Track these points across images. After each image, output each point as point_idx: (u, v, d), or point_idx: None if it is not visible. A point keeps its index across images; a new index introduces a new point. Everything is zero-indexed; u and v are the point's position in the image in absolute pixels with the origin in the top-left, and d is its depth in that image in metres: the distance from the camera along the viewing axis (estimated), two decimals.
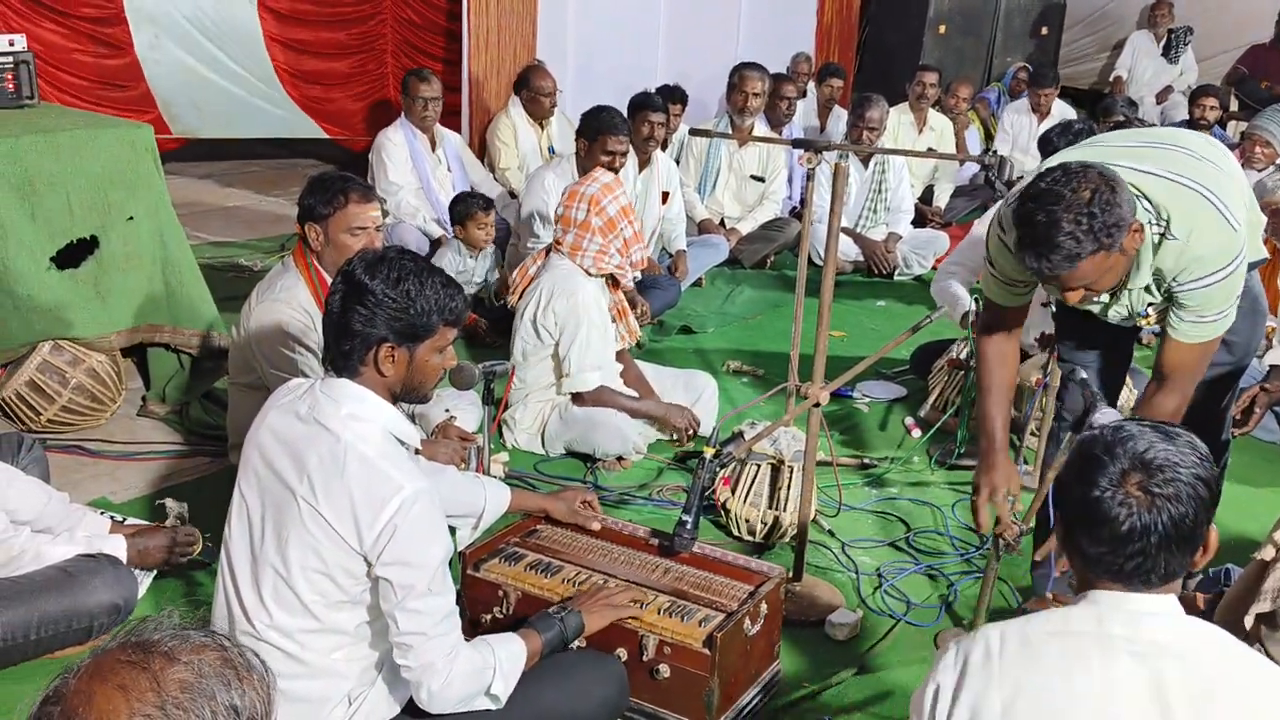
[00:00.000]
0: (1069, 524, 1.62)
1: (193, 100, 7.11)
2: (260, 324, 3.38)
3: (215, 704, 1.17)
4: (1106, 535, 1.55)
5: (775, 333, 5.59)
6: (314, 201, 3.36)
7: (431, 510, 2.10)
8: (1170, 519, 1.54)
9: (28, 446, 3.19)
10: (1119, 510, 1.55)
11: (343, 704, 2.20)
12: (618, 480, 3.98)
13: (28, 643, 2.70)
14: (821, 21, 9.72)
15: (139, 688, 1.15)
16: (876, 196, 6.69)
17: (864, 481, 4.05)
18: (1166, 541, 1.54)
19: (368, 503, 2.05)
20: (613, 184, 4.04)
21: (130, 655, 1.18)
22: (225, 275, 5.74)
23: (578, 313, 3.96)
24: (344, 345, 2.14)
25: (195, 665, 1.19)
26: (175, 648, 1.20)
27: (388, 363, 2.14)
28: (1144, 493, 1.55)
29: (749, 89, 6.48)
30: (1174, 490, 1.55)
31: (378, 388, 2.17)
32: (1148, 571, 1.56)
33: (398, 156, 5.96)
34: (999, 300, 2.94)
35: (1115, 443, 1.59)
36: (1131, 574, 1.56)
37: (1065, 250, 2.39)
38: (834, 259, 3.11)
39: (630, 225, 4.02)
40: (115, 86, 6.83)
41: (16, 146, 3.77)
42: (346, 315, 2.12)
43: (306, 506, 2.08)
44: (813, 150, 3.36)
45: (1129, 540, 1.54)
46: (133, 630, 1.22)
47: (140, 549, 3.00)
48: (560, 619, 2.44)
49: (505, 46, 7.26)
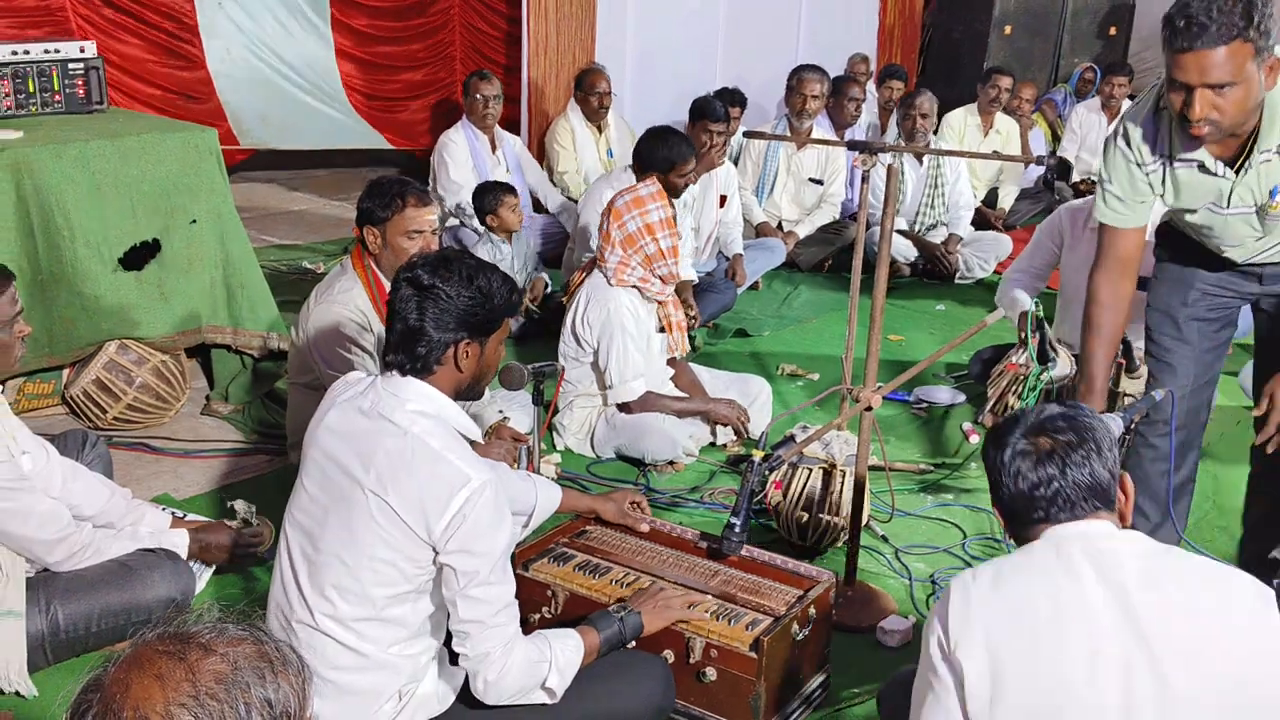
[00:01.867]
0: (997, 496, 1.87)
1: (260, 113, 7.26)
2: (318, 325, 3.43)
3: (250, 696, 1.19)
4: (1024, 488, 1.81)
5: (832, 336, 5.54)
6: (372, 205, 3.41)
7: (497, 501, 2.15)
8: (1071, 459, 1.79)
9: (92, 443, 3.26)
10: (1022, 464, 1.81)
11: (393, 699, 2.23)
12: (669, 483, 3.97)
13: (88, 635, 2.77)
14: (884, 23, 9.63)
15: (175, 678, 1.17)
16: (933, 192, 6.60)
17: (919, 487, 4.00)
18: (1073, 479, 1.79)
19: (436, 494, 2.09)
20: (646, 198, 4.01)
21: (168, 646, 1.20)
22: (289, 278, 5.86)
23: (611, 322, 3.97)
24: (419, 349, 2.19)
25: (231, 657, 1.21)
26: (212, 640, 1.22)
27: (465, 358, 2.22)
28: (1043, 438, 1.82)
29: (807, 91, 6.45)
30: (1068, 439, 1.80)
31: (445, 385, 2.23)
32: (1066, 508, 1.79)
33: (459, 156, 6.04)
34: (1116, 220, 2.93)
35: (1015, 416, 1.89)
36: (1053, 515, 1.80)
37: (1214, 26, 2.45)
38: (887, 260, 3.08)
39: (656, 240, 3.96)
40: (188, 98, 7.00)
41: (86, 150, 3.87)
42: (423, 319, 2.18)
43: (375, 498, 2.12)
44: (867, 152, 3.33)
45: (1039, 485, 1.80)
46: (172, 622, 1.24)
47: (203, 544, 3.06)
48: (620, 619, 2.45)
49: (564, 51, 7.30)
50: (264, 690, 1.20)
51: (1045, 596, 1.72)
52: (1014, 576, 1.78)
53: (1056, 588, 1.72)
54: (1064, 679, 1.67)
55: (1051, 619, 1.70)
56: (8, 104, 4.02)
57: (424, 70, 8.06)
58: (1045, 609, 1.71)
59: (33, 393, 4.04)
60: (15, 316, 2.67)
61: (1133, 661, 1.66)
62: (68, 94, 4.24)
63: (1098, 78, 8.84)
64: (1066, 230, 4.53)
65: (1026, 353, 3.99)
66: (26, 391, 4.02)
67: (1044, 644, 1.69)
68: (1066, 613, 1.70)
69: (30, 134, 3.90)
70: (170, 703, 1.16)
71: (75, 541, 2.76)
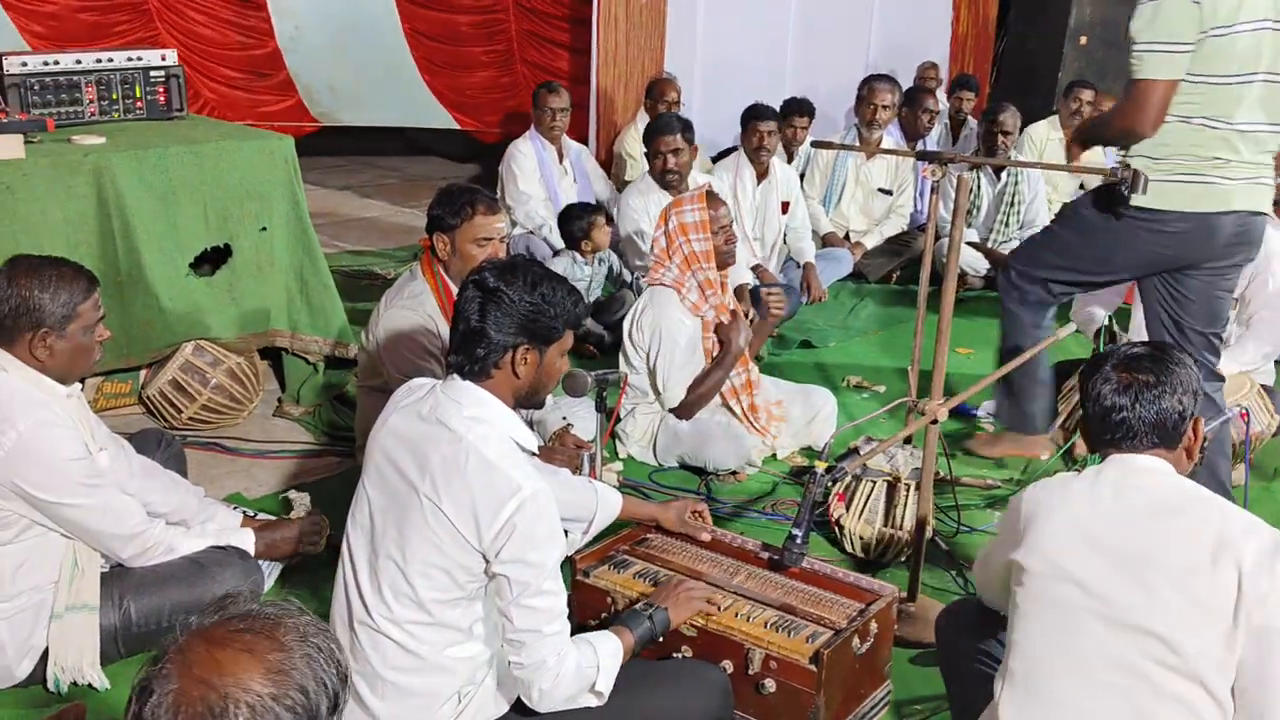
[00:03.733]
0: (1084, 411, 2.15)
1: (330, 85, 7.56)
2: (387, 330, 3.48)
3: (323, 670, 1.24)
4: (1101, 412, 2.08)
5: (898, 348, 5.49)
6: (442, 213, 3.45)
7: (549, 511, 2.16)
8: (1143, 397, 2.05)
9: (167, 442, 3.34)
10: (1105, 388, 2.08)
11: (452, 700, 2.25)
12: (731, 492, 3.96)
13: (159, 629, 2.82)
14: (956, 32, 9.54)
15: (261, 650, 1.22)
16: (1009, 209, 6.50)
17: (985, 503, 3.94)
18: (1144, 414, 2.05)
19: (488, 501, 2.10)
20: (685, 199, 4.01)
21: (240, 625, 1.23)
22: (360, 283, 5.95)
23: (660, 327, 3.97)
24: (478, 350, 2.21)
25: (300, 626, 1.26)
26: (273, 618, 1.26)
27: (522, 365, 2.23)
28: (1126, 373, 2.08)
29: (878, 101, 6.40)
30: (1146, 378, 2.06)
31: (503, 391, 2.25)
32: (1132, 436, 2.06)
33: (527, 167, 6.09)
34: (1169, 74, 3.12)
35: (1118, 348, 2.16)
36: (1121, 440, 2.07)
37: None
38: (955, 272, 3.05)
39: (690, 241, 3.95)
40: (258, 74, 7.25)
41: (165, 156, 3.96)
42: (484, 321, 2.20)
43: (429, 503, 2.14)
44: (938, 162, 3.29)
45: (1112, 411, 2.06)
46: (221, 609, 1.27)
47: (269, 542, 3.11)
48: (649, 616, 2.46)
49: (633, 61, 7.33)
50: (319, 671, 1.24)
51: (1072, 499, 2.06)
52: (1051, 485, 2.13)
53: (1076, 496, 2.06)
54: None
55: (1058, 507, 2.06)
56: (92, 110, 4.14)
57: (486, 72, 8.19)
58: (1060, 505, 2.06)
59: (111, 392, 4.14)
60: (98, 321, 2.74)
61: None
62: (149, 101, 4.35)
63: None
64: None
65: None
66: (105, 391, 4.13)
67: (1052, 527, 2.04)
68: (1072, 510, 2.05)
69: (112, 139, 4.00)
70: (264, 669, 1.20)
71: (148, 538, 2.82)
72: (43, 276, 2.64)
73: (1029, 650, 2.02)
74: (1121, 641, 1.91)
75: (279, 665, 1.20)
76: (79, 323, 2.68)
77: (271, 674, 1.19)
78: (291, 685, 1.20)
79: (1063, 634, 1.98)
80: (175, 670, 1.19)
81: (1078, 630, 1.96)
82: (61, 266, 2.69)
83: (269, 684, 1.19)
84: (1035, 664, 2.00)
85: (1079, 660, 1.95)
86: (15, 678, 2.72)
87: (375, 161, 9.24)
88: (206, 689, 1.17)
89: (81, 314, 2.68)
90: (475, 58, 8.10)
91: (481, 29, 8.04)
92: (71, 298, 2.66)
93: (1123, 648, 1.91)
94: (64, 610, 2.71)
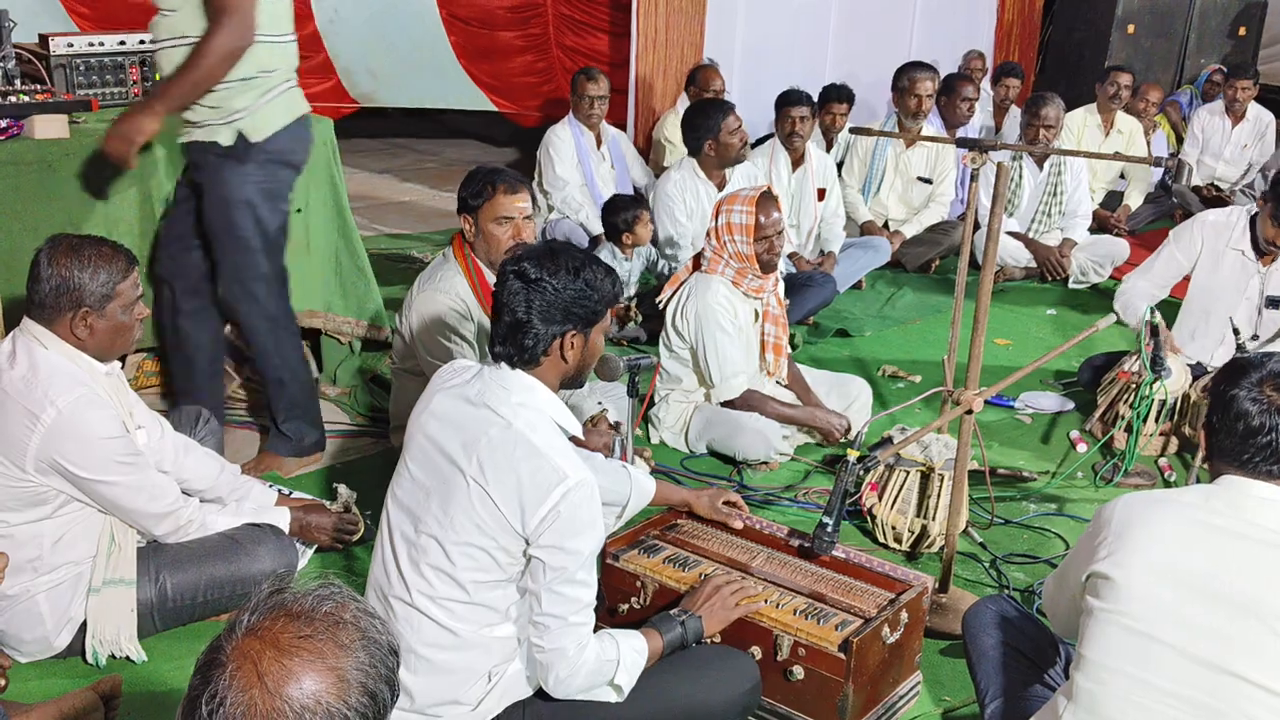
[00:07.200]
0: (1211, 421, 2.00)
1: (369, 68, 7.60)
2: (420, 313, 3.50)
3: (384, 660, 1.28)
4: (1241, 429, 1.93)
5: (935, 338, 5.44)
6: (466, 194, 3.49)
7: (592, 500, 2.17)
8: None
9: (204, 420, 3.37)
10: (1251, 407, 1.92)
11: (483, 680, 2.27)
12: (763, 480, 3.95)
13: (195, 604, 2.87)
14: (1002, 20, 9.42)
15: (329, 655, 1.25)
16: (1051, 200, 6.42)
17: (1020, 495, 3.91)
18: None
19: (534, 489, 2.12)
20: (738, 196, 3.97)
21: (305, 630, 1.25)
22: (398, 266, 5.98)
23: (703, 317, 3.95)
24: (526, 341, 2.22)
25: (358, 622, 1.29)
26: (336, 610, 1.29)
27: (570, 349, 2.25)
28: (1276, 392, 1.92)
29: (921, 91, 6.29)
30: None
31: (549, 377, 2.27)
32: (1271, 462, 1.91)
33: (565, 152, 6.10)
34: None
35: (1263, 359, 1.99)
36: (1255, 464, 1.92)
37: None
38: (993, 261, 3.01)
39: (735, 241, 3.91)
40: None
41: None
42: (530, 312, 2.21)
43: (475, 486, 2.16)
44: (978, 150, 3.25)
45: (1257, 433, 1.91)
46: (281, 593, 1.29)
47: (304, 524, 3.13)
48: (681, 623, 2.46)
49: (673, 47, 7.30)
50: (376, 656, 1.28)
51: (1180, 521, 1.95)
52: (1153, 502, 2.00)
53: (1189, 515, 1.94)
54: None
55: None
56: (136, 91, 4.17)
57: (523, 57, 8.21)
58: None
59: (151, 370, 4.19)
60: (137, 300, 2.77)
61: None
62: None
63: (1226, 80, 8.52)
64: (1205, 247, 4.37)
65: (1140, 360, 3.87)
66: (145, 369, 4.17)
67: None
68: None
69: None
70: (340, 670, 1.24)
71: (182, 516, 2.86)
72: (82, 256, 2.66)
73: (1099, 670, 1.94)
74: (1195, 677, 1.85)
75: (346, 673, 1.24)
76: (118, 301, 2.71)
77: (341, 681, 1.23)
78: (361, 691, 1.24)
79: (1139, 662, 1.90)
80: (246, 679, 1.21)
81: (1153, 660, 1.89)
82: (101, 246, 2.71)
83: (338, 691, 1.23)
84: (1104, 687, 1.93)
85: (1149, 688, 1.88)
86: (54, 649, 2.77)
87: (414, 145, 9.26)
88: (282, 702, 1.20)
89: (121, 293, 2.71)
90: (510, 42, 8.10)
91: (517, 14, 8.03)
92: (111, 277, 2.69)
93: (1195, 683, 1.85)
94: (102, 584, 2.75)
